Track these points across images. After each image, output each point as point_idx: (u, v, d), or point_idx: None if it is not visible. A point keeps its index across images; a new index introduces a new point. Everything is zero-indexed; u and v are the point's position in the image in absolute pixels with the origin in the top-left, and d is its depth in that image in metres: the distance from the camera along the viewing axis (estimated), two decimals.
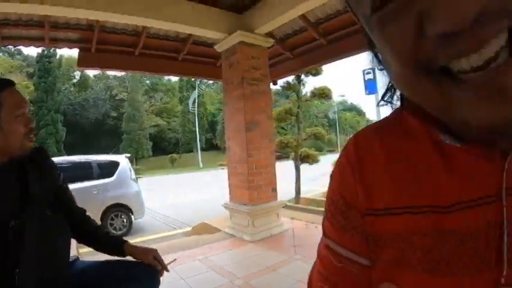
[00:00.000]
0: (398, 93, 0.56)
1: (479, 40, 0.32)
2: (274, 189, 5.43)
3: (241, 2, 5.27)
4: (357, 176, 0.54)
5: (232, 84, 5.41)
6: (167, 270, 1.86)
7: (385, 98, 0.57)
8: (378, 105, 0.59)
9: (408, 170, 0.49)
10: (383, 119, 0.57)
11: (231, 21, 5.25)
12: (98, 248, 1.83)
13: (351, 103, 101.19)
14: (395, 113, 0.55)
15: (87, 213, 1.87)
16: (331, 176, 0.59)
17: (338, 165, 0.58)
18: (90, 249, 1.86)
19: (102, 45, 5.61)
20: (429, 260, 0.45)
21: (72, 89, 48.48)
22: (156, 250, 1.82)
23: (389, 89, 0.57)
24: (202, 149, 47.42)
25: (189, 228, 7.31)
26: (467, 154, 0.44)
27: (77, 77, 51.93)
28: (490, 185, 0.42)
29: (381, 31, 0.39)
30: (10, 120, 1.43)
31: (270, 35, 5.59)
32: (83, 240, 1.81)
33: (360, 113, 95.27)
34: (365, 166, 0.53)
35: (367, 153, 0.54)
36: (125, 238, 1.87)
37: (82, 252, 3.64)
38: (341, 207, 0.56)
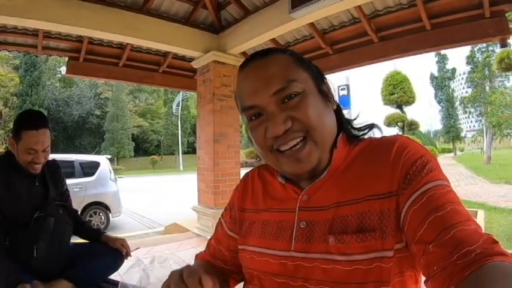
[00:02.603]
0: None
1: (286, 140, 0.81)
2: None
3: (218, 24, 5.70)
4: (241, 193, 1.09)
5: (204, 98, 5.84)
6: (130, 255, 2.54)
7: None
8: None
9: (264, 189, 1.02)
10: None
11: (207, 41, 5.68)
12: (83, 236, 2.57)
13: None
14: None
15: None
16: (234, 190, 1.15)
17: (236, 186, 1.14)
18: None
19: (89, 56, 6.00)
20: (263, 231, 0.92)
21: (57, 84, 46.91)
22: (124, 239, 2.59)
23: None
24: (184, 152, 46.99)
25: (162, 228, 7.68)
26: (286, 187, 0.93)
27: (63, 73, 50.70)
28: (293, 204, 0.89)
29: (252, 131, 0.87)
30: (23, 151, 2.09)
31: (243, 53, 6.04)
32: (74, 231, 2.48)
33: None
34: (246, 190, 1.08)
35: (251, 183, 1.08)
36: None
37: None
38: (231, 205, 1.11)
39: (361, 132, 0.94)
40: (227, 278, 1.07)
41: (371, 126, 0.95)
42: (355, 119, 0.97)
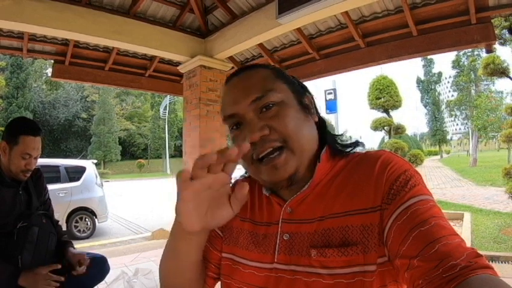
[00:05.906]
0: None
1: (264, 148, 0.80)
2: None
3: (205, 28, 5.68)
4: None
5: (191, 103, 5.79)
6: (83, 271, 2.38)
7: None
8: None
9: (251, 201, 1.00)
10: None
11: (193, 46, 5.65)
12: None
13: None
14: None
15: (56, 217, 2.56)
16: None
17: None
18: None
19: (75, 59, 5.91)
20: (248, 243, 0.92)
21: (43, 86, 46.55)
22: (83, 254, 2.36)
23: None
24: (171, 156, 46.87)
25: (149, 234, 7.63)
26: (271, 200, 0.92)
27: (49, 75, 49.75)
28: (276, 217, 0.89)
29: (234, 141, 0.87)
30: (18, 156, 2.06)
31: (230, 58, 6.05)
32: None
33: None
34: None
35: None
36: (89, 240, 2.55)
37: None
38: None
39: (347, 149, 0.93)
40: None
41: (356, 144, 0.95)
42: (341, 135, 0.98)
